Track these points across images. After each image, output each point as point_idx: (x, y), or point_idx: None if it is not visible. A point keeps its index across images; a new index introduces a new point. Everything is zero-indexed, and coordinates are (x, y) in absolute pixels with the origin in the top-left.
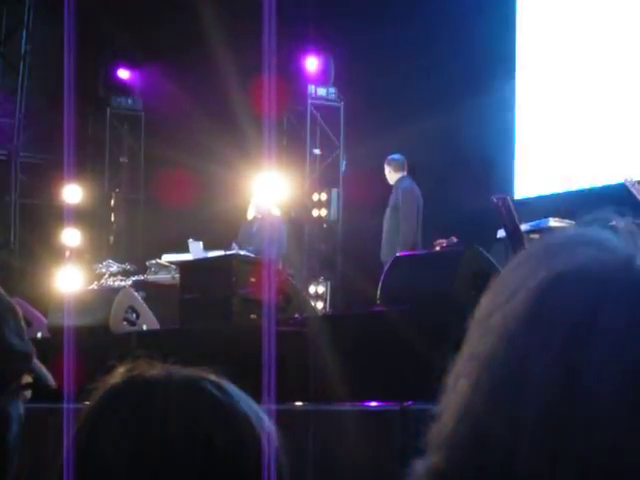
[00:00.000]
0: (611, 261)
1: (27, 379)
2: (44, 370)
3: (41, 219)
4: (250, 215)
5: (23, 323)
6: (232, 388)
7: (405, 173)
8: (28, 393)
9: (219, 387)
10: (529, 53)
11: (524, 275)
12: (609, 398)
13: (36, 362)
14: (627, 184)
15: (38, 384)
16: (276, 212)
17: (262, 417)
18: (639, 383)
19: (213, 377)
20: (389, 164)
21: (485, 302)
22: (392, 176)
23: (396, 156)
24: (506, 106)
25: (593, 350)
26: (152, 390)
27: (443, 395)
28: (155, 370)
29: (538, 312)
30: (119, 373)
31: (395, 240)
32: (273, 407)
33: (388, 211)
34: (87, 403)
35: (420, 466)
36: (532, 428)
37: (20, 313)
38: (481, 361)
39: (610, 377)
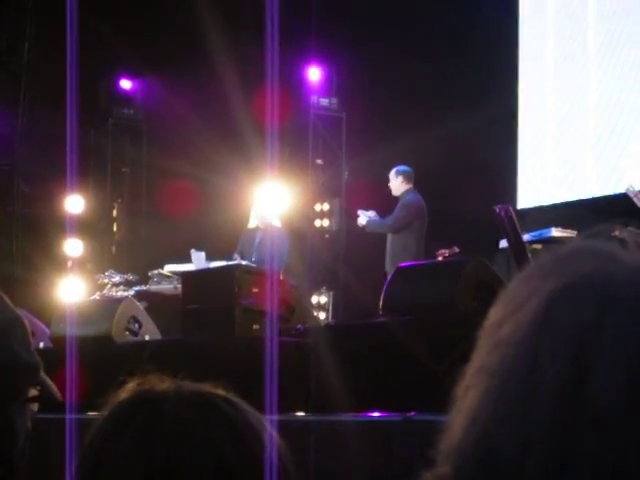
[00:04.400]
0: (619, 271)
1: (33, 392)
2: (50, 383)
3: (43, 230)
4: (252, 224)
5: (30, 336)
6: (242, 403)
7: (412, 185)
8: (35, 406)
9: (229, 402)
10: (531, 63)
11: (533, 286)
12: (617, 404)
13: (43, 375)
14: (629, 194)
15: (44, 398)
16: (278, 223)
17: (272, 433)
18: None
19: (222, 392)
20: (400, 175)
21: (494, 313)
22: (401, 187)
23: (406, 168)
24: (508, 116)
25: (601, 358)
26: (162, 406)
27: (452, 406)
28: (165, 385)
29: (546, 322)
30: (129, 388)
31: (399, 250)
32: (275, 418)
33: None
34: (96, 418)
35: (429, 476)
36: (541, 437)
37: (28, 326)
38: (490, 372)
39: (618, 384)
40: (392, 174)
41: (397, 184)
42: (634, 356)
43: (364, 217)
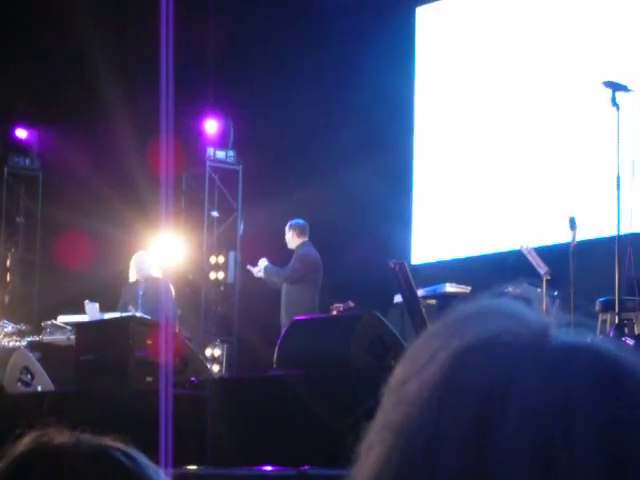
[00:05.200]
0: (525, 332)
1: None
2: None
3: None
4: (132, 278)
5: None
6: (140, 457)
7: (306, 238)
8: None
9: (128, 456)
10: (427, 117)
11: (439, 344)
12: (521, 469)
13: None
14: (523, 251)
15: None
16: (159, 274)
17: None
18: (551, 454)
19: (121, 445)
20: (292, 229)
21: (399, 370)
22: (294, 240)
23: (299, 221)
24: (404, 170)
25: (506, 419)
26: (61, 460)
27: (355, 462)
28: (63, 438)
29: (452, 379)
30: (26, 440)
31: (294, 303)
32: (169, 471)
33: None
34: None
35: None
36: None
37: None
38: (394, 429)
39: (522, 447)
40: (287, 227)
41: (290, 237)
42: (538, 419)
43: (263, 262)
